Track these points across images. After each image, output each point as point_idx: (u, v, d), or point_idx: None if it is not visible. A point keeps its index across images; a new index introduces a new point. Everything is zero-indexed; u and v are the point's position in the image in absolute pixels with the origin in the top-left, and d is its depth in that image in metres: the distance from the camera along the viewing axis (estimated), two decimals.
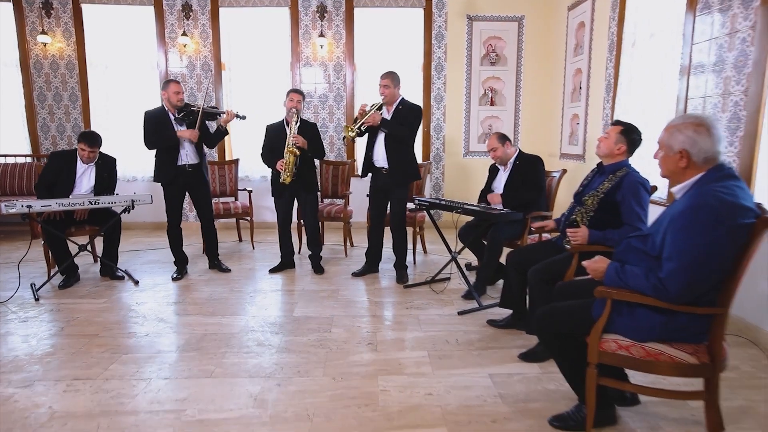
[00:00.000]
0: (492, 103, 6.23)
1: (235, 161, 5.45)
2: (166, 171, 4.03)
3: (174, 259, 4.26)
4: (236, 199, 5.40)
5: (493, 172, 3.92)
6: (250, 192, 5.21)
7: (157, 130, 3.96)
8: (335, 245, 5.29)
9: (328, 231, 5.43)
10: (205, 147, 4.25)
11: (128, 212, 3.95)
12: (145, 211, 5.39)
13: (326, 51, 6.01)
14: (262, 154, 4.25)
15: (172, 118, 4.03)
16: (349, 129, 3.78)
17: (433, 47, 6.06)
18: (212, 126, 4.41)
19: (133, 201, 3.90)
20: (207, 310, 3.41)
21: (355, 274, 4.21)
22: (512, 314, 3.07)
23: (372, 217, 4.20)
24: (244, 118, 4.19)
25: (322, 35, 5.90)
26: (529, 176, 3.62)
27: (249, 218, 5.17)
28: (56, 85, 6.04)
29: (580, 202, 2.71)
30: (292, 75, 6.08)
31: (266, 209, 6.22)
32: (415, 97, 6.17)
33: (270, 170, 4.23)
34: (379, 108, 3.87)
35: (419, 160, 6.28)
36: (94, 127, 6.02)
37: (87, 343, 2.83)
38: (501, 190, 3.73)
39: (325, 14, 5.94)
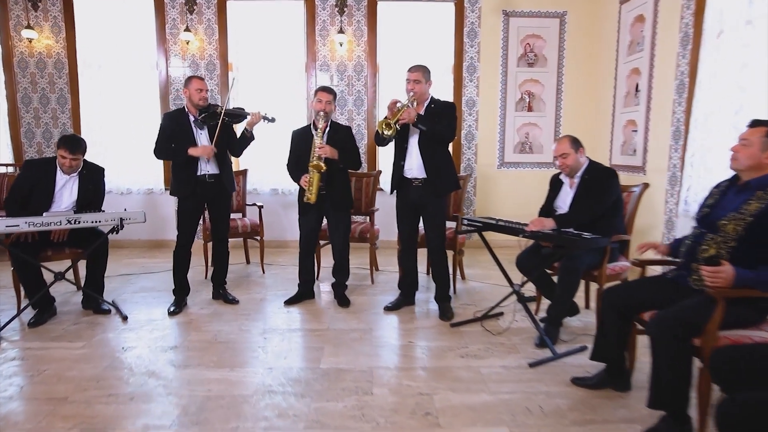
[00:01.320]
0: (530, 109, 5.58)
1: (243, 172, 4.79)
2: (185, 183, 3.40)
3: (173, 287, 3.56)
4: (244, 216, 4.72)
5: (555, 186, 3.22)
6: (260, 207, 4.53)
7: (173, 134, 3.36)
8: (358, 269, 4.58)
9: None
10: (230, 155, 3.61)
11: (116, 233, 3.26)
12: (139, 227, 4.71)
13: (346, 49, 5.37)
14: (288, 165, 3.59)
15: (192, 120, 3.40)
16: (384, 125, 3.11)
17: (464, 46, 5.42)
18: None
19: (122, 219, 3.22)
20: (211, 358, 2.70)
21: (388, 309, 3.51)
22: (606, 370, 2.37)
23: (403, 239, 3.52)
24: (273, 120, 3.55)
25: (341, 32, 5.27)
26: (595, 192, 2.93)
27: (259, 238, 4.48)
28: (43, 86, 5.39)
29: (713, 228, 2.03)
30: (307, 76, 5.44)
31: (276, 226, 5.54)
32: None
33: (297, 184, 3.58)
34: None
35: None
36: (85, 133, 5.36)
37: (50, 413, 2.12)
38: (566, 210, 3.04)
39: (345, 8, 5.32)
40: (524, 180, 5.63)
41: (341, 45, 5.32)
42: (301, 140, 3.51)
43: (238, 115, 3.54)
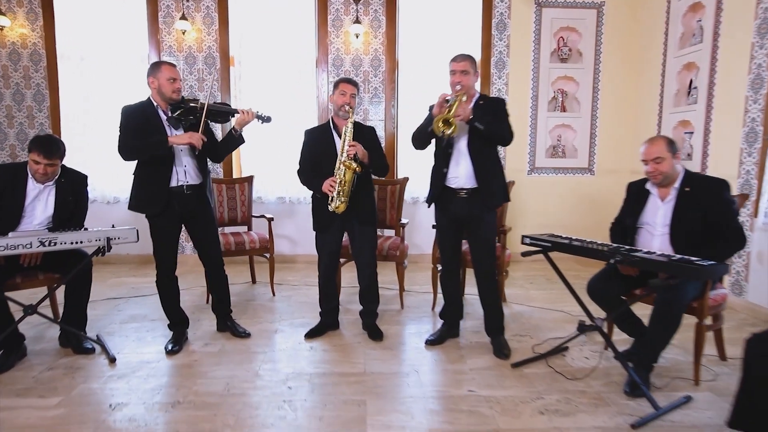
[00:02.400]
0: (563, 109, 5.07)
1: (248, 179, 4.18)
2: (154, 196, 2.72)
3: (168, 321, 2.95)
4: (250, 229, 4.12)
5: (639, 196, 2.65)
6: (270, 220, 3.93)
7: (141, 130, 2.68)
8: (382, 290, 4.00)
9: None
10: (209, 161, 2.98)
11: (102, 254, 2.65)
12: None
13: (362, 42, 4.82)
14: (299, 171, 3.03)
15: (163, 117, 2.76)
16: (442, 123, 2.53)
17: (493, 39, 4.90)
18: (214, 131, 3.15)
19: (108, 239, 2.61)
20: (225, 420, 2.10)
21: (431, 342, 2.95)
22: None
23: (445, 259, 2.97)
24: (268, 120, 2.92)
25: (357, 21, 4.71)
26: (714, 212, 2.37)
27: (269, 255, 3.88)
28: (17, 80, 4.75)
29: None
30: (317, 71, 4.88)
31: (283, 239, 4.96)
32: None
33: (309, 192, 3.02)
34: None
35: None
36: (66, 135, 4.73)
37: None
38: (661, 229, 2.50)
39: None
40: (557, 187, 5.12)
41: (357, 37, 4.76)
42: (318, 141, 2.95)
43: (224, 112, 2.89)
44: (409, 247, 3.97)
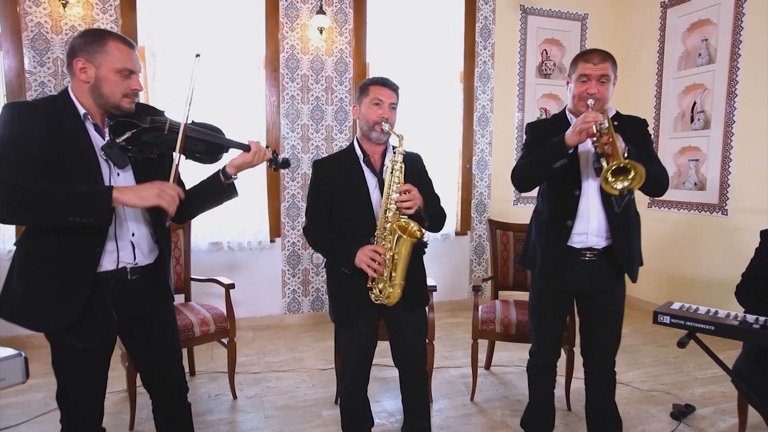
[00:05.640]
0: None
1: (184, 224, 2.85)
2: (64, 293, 1.37)
3: None
4: (188, 299, 2.79)
5: None
6: (228, 288, 2.63)
7: (46, 161, 1.31)
8: (383, 369, 2.96)
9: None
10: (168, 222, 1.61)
11: None
12: None
13: (324, 39, 3.74)
14: (306, 228, 1.92)
15: (96, 140, 1.41)
16: (612, 174, 1.57)
17: (476, 47, 4.16)
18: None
19: None
20: None
21: None
22: None
23: (542, 349, 2.06)
24: (286, 165, 1.67)
25: (321, 12, 3.63)
26: None
27: (227, 340, 2.58)
28: None
29: None
30: (265, 73, 3.68)
31: (219, 299, 3.61)
32: (455, 119, 4.18)
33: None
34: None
35: (457, 209, 4.29)
36: None
37: None
38: None
39: None
40: None
41: (321, 32, 3.68)
42: (342, 179, 1.84)
43: (212, 145, 1.53)
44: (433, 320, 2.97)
